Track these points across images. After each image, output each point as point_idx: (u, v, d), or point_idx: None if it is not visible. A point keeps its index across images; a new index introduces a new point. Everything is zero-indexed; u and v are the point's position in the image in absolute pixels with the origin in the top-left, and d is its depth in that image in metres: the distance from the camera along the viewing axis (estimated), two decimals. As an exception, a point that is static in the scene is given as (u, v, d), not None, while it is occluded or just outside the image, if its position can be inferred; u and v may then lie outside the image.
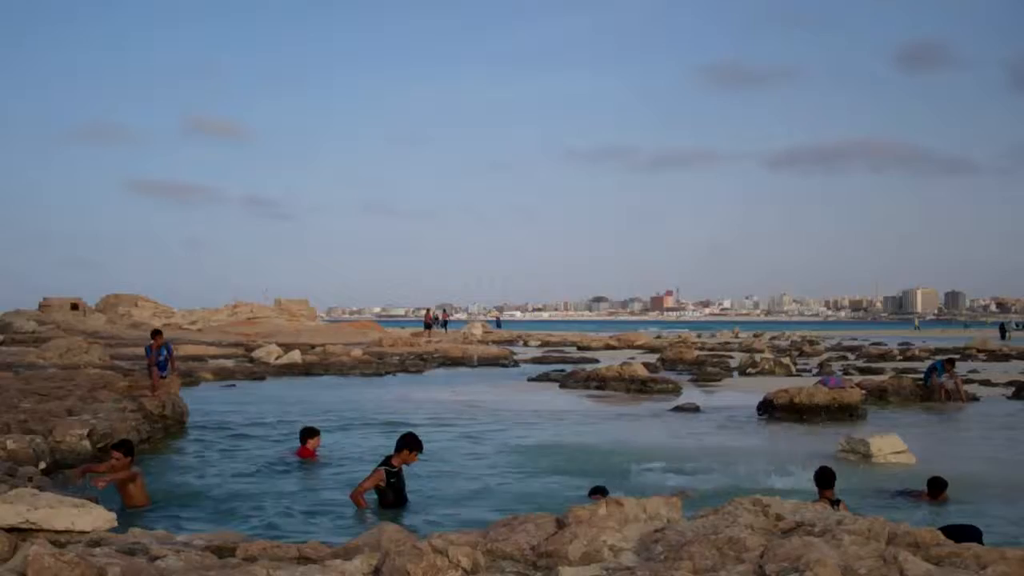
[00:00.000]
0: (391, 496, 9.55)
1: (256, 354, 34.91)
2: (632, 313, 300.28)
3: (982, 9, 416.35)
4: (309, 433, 13.27)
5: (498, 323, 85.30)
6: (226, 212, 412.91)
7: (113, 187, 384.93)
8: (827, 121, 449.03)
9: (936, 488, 10.51)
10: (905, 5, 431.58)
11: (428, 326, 56.07)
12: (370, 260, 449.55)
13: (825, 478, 9.22)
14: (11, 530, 5.62)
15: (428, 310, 62.33)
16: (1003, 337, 63.06)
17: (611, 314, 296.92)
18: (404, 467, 9.78)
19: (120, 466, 9.65)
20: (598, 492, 9.59)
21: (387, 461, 9.64)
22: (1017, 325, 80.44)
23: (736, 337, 65.79)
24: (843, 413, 18.24)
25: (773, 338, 62.38)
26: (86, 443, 11.75)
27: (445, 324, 63.50)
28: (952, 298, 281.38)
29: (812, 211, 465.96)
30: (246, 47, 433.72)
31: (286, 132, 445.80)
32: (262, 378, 28.74)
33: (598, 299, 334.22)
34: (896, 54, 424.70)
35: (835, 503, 8.35)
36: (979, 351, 43.00)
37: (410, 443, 9.67)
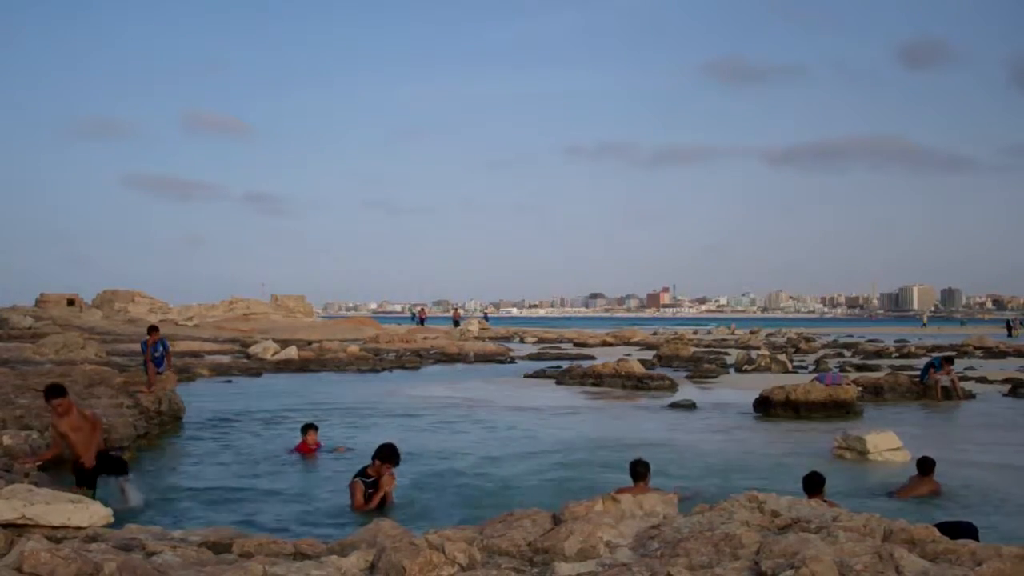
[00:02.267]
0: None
1: (252, 350, 34.88)
2: (628, 310, 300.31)
3: (984, 7, 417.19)
4: (307, 428, 13.33)
5: (485, 317, 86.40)
6: (226, 208, 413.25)
7: (112, 183, 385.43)
8: (828, 118, 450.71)
9: (925, 467, 10.56)
10: (907, 3, 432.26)
11: (456, 323, 62.90)
12: (368, 256, 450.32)
13: (812, 482, 8.84)
14: (7, 526, 5.62)
15: (455, 308, 66.84)
16: (1009, 334, 62.09)
17: (607, 311, 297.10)
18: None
19: (64, 410, 9.22)
20: (640, 467, 9.42)
21: (363, 471, 9.52)
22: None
23: (732, 334, 65.81)
24: (839, 410, 18.25)
25: (769, 335, 62.38)
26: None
27: (423, 321, 65.08)
28: (949, 295, 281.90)
29: (809, 208, 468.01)
30: (248, 44, 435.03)
31: (287, 129, 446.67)
32: (258, 374, 28.70)
33: (594, 296, 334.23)
34: (898, 52, 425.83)
35: None
36: (976, 348, 43.02)
37: (384, 455, 9.53)
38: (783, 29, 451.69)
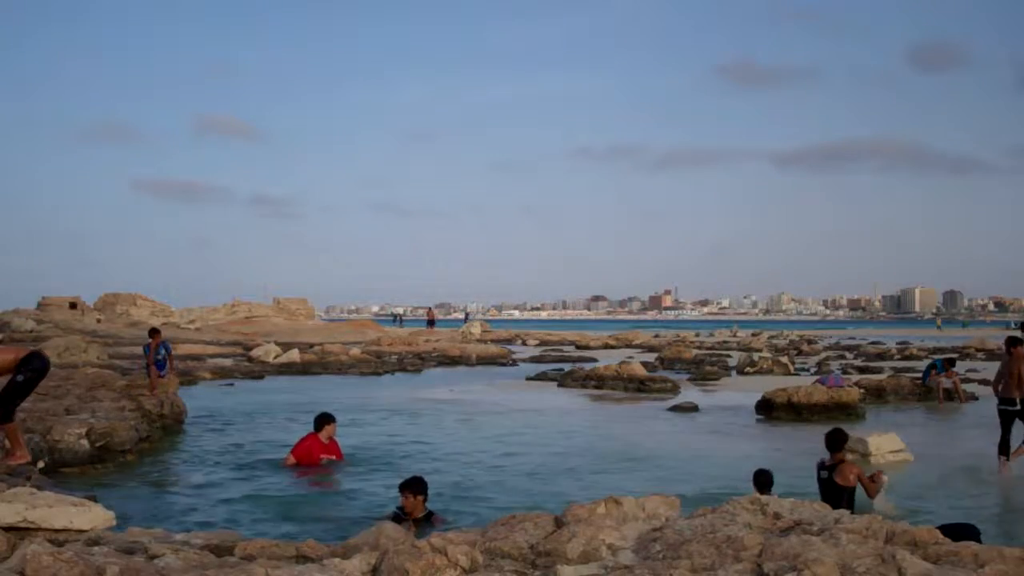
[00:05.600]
0: None
1: (254, 353, 34.89)
2: (631, 312, 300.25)
3: (992, 10, 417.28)
4: (323, 421, 12.65)
5: (466, 317, 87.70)
6: (234, 211, 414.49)
7: (121, 186, 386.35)
8: (835, 120, 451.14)
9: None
10: (916, 6, 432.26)
11: (431, 323, 67.54)
12: (371, 259, 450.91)
13: (835, 439, 9.05)
14: (9, 529, 5.62)
15: (429, 308, 72.35)
16: None
17: (610, 313, 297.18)
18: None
19: None
20: (763, 476, 9.17)
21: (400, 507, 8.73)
22: None
23: (734, 336, 65.80)
24: (841, 412, 18.22)
25: (771, 337, 62.36)
26: (84, 442, 11.73)
27: (432, 323, 66.63)
28: (950, 297, 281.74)
29: (812, 210, 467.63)
30: (256, 47, 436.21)
31: (293, 132, 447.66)
32: (260, 377, 28.72)
33: (597, 298, 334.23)
34: (907, 54, 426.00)
35: None
36: (978, 350, 42.98)
37: (402, 485, 8.82)
38: (792, 32, 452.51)
